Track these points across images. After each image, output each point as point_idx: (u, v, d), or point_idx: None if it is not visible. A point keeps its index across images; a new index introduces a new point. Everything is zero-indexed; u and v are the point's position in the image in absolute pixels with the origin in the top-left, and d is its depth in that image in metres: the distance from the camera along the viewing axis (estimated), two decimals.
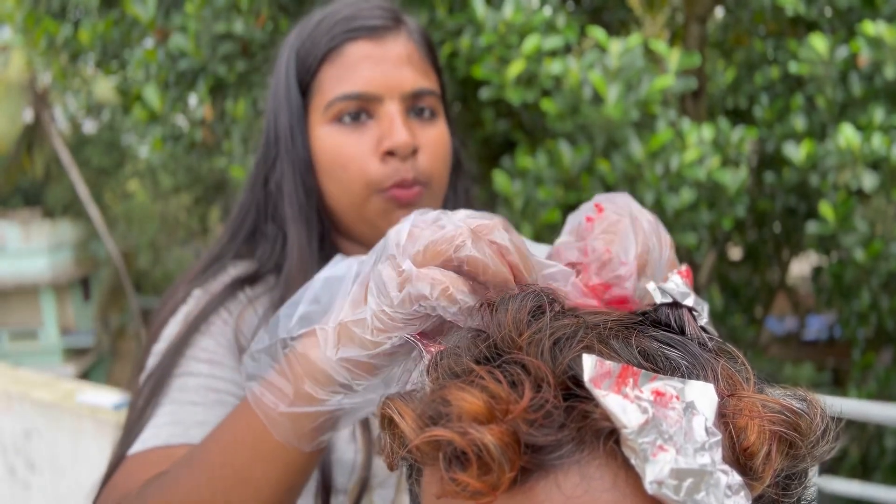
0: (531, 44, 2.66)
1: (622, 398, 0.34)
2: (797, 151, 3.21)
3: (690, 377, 0.38)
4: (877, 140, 2.98)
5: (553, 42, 2.71)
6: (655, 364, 0.38)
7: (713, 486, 0.33)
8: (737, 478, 0.34)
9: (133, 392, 0.79)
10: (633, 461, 0.33)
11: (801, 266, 7.15)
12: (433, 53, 0.89)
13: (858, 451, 4.38)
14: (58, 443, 2.66)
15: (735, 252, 5.79)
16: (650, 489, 0.32)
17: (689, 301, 0.43)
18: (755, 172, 4.08)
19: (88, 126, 18.35)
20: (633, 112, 2.63)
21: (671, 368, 0.38)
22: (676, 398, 0.35)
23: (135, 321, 15.89)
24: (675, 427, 0.34)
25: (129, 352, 18.00)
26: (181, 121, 3.67)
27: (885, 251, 3.19)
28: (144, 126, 3.59)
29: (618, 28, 4.20)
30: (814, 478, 0.41)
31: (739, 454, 0.36)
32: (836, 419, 0.39)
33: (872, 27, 3.04)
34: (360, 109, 0.82)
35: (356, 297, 0.50)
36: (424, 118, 0.85)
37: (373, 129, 0.82)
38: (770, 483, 0.37)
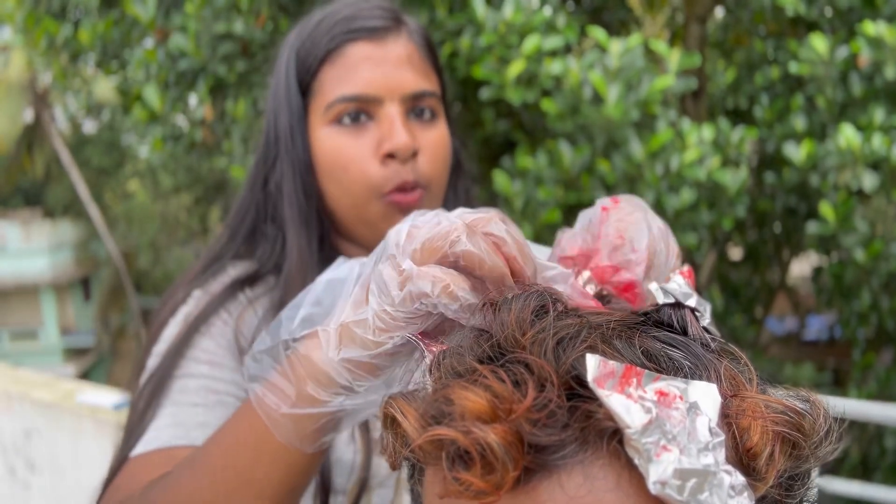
0: (531, 44, 2.66)
1: (626, 398, 0.34)
2: (797, 152, 3.21)
3: (693, 378, 0.38)
4: (877, 140, 2.97)
5: (553, 42, 2.71)
6: (659, 364, 0.38)
7: (717, 487, 0.33)
8: (740, 478, 0.34)
9: (134, 393, 0.79)
10: (637, 461, 0.33)
11: (802, 266, 7.15)
12: (434, 54, 0.89)
13: (859, 452, 4.37)
14: (58, 443, 2.65)
15: (735, 252, 5.79)
16: (654, 489, 0.32)
17: (692, 302, 0.43)
18: (755, 172, 4.08)
19: (89, 126, 18.36)
20: (634, 112, 2.62)
21: (674, 369, 0.38)
22: (680, 398, 0.35)
23: (135, 321, 15.89)
24: (679, 427, 0.34)
25: (130, 352, 18.00)
26: (181, 121, 3.67)
27: (886, 251, 3.18)
28: (144, 126, 3.59)
29: (618, 28, 4.20)
30: (815, 478, 0.41)
31: (743, 455, 0.36)
32: (839, 420, 0.39)
33: (873, 27, 3.04)
34: (360, 111, 0.82)
35: (357, 298, 0.50)
36: (425, 119, 0.85)
37: (373, 131, 0.82)
38: (773, 484, 0.37)
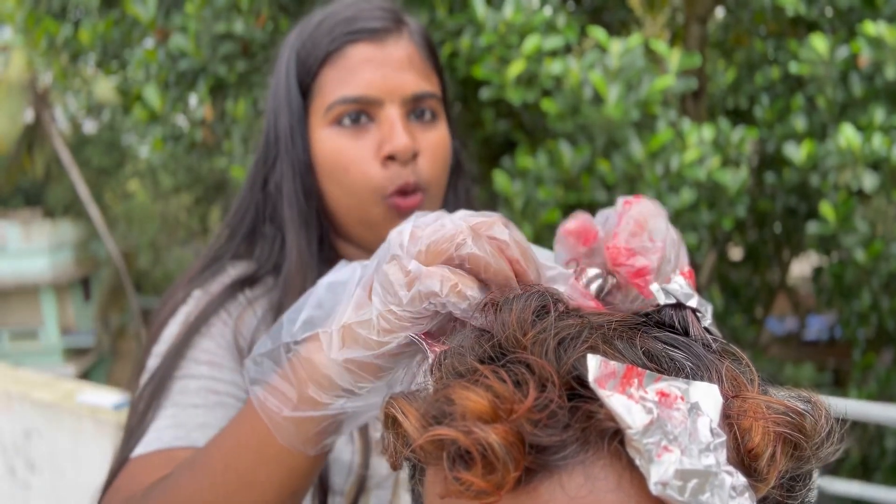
0: (531, 44, 2.65)
1: (627, 398, 0.34)
2: (798, 152, 3.21)
3: (695, 378, 0.38)
4: (877, 140, 2.98)
5: (553, 42, 2.71)
6: (660, 365, 0.38)
7: (718, 487, 0.33)
8: (741, 479, 0.34)
9: (134, 394, 0.79)
10: (638, 462, 0.33)
11: (802, 266, 7.14)
12: (434, 54, 0.89)
13: (859, 452, 4.37)
14: (58, 443, 2.65)
15: (735, 252, 5.79)
16: (655, 490, 0.32)
17: (693, 302, 0.43)
18: (755, 173, 4.08)
19: (89, 126, 18.36)
20: (634, 112, 2.62)
21: (675, 369, 0.38)
22: (681, 399, 0.35)
23: (135, 321, 15.89)
24: (680, 428, 0.33)
25: (130, 352, 18.00)
26: (181, 121, 3.67)
27: (886, 251, 3.19)
28: (145, 126, 3.59)
29: (618, 28, 4.20)
30: (817, 478, 0.41)
31: (744, 455, 0.36)
32: (840, 421, 0.39)
33: (873, 27, 3.04)
34: (361, 112, 0.82)
35: (360, 300, 0.50)
36: (425, 121, 0.85)
37: (373, 133, 0.82)
38: (774, 484, 0.36)
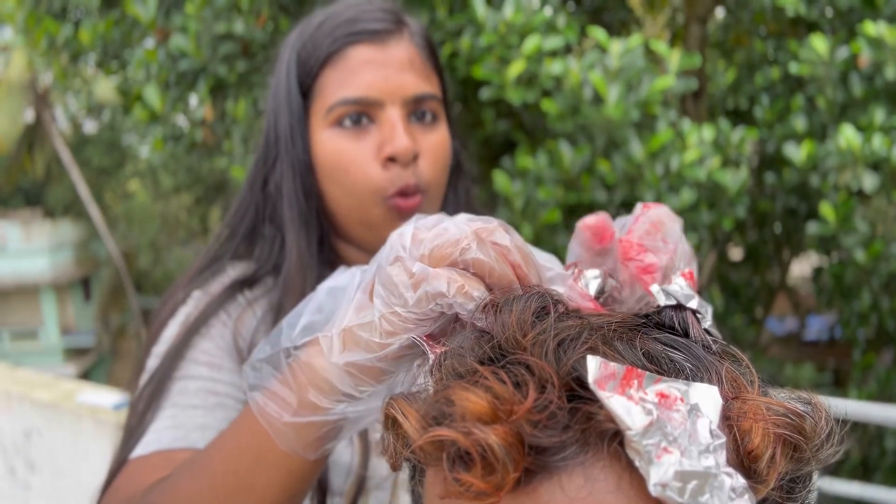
0: (531, 44, 2.65)
1: (626, 400, 0.34)
2: (798, 152, 3.21)
3: (695, 379, 0.38)
4: (877, 141, 2.98)
5: (553, 42, 2.71)
6: (660, 366, 0.38)
7: (717, 489, 0.33)
8: (741, 480, 0.33)
9: (133, 394, 0.79)
10: (638, 463, 0.33)
11: (802, 266, 7.15)
12: (435, 55, 0.89)
13: (859, 453, 4.37)
14: (58, 443, 2.65)
15: (735, 252, 5.79)
16: (654, 491, 0.32)
17: (693, 303, 0.43)
18: (756, 173, 4.08)
19: (89, 126, 18.37)
20: (634, 112, 2.62)
21: (675, 371, 0.38)
22: (681, 400, 0.35)
23: (135, 321, 15.89)
24: (680, 429, 0.33)
25: (130, 352, 18.00)
26: (182, 121, 3.67)
27: (886, 252, 3.19)
28: (145, 126, 3.60)
29: (618, 28, 4.20)
30: (817, 479, 0.41)
31: (744, 457, 0.36)
32: (841, 422, 0.39)
33: (873, 27, 3.04)
34: (362, 114, 0.82)
35: (360, 303, 0.50)
36: (426, 122, 0.85)
37: (374, 134, 0.82)
38: (774, 486, 0.36)
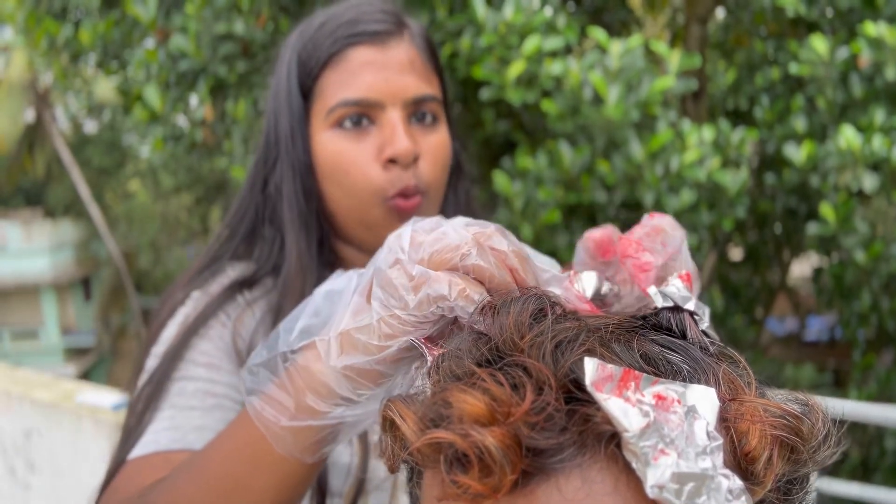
0: (531, 44, 2.65)
1: (624, 402, 0.34)
2: (798, 152, 3.21)
3: (692, 381, 0.38)
4: (877, 141, 2.97)
5: (553, 43, 2.71)
6: (657, 368, 0.38)
7: (714, 491, 0.33)
8: (738, 482, 0.33)
9: (132, 395, 0.79)
10: (635, 465, 0.33)
11: (802, 267, 7.14)
12: (435, 56, 0.89)
13: (859, 453, 4.37)
14: (57, 443, 2.65)
15: (736, 253, 5.79)
16: (651, 493, 0.32)
17: (691, 305, 0.43)
18: (756, 173, 4.07)
19: (89, 126, 18.38)
20: (634, 113, 2.62)
21: (673, 372, 0.38)
22: (678, 402, 0.35)
23: (136, 321, 15.90)
24: (677, 431, 0.33)
25: (130, 352, 18.01)
26: (182, 121, 3.67)
27: (886, 252, 3.19)
28: (145, 126, 3.59)
29: (618, 29, 4.20)
30: (814, 481, 0.41)
31: (741, 459, 0.36)
32: (838, 423, 0.39)
33: (873, 28, 3.04)
34: (362, 115, 0.82)
35: (357, 306, 0.50)
36: (426, 124, 0.85)
37: (374, 136, 0.82)
38: (771, 488, 0.36)
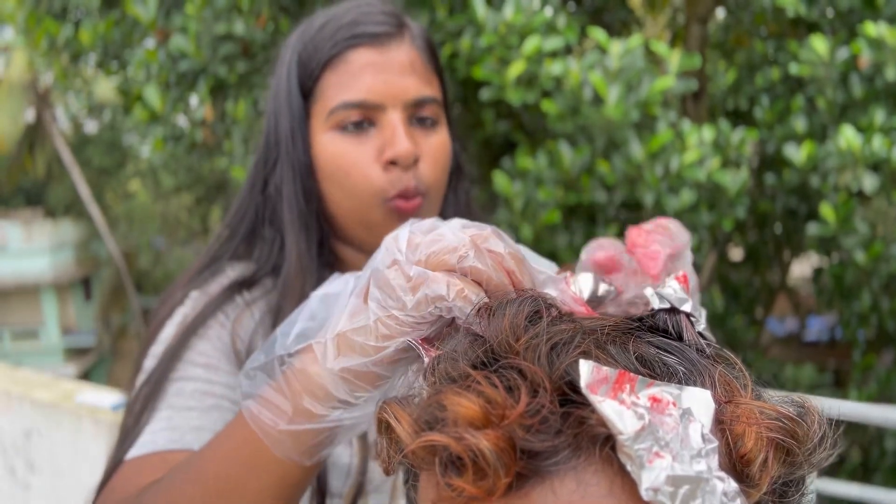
0: (531, 45, 2.65)
1: (618, 404, 0.34)
2: (798, 153, 3.21)
3: (688, 383, 0.38)
4: (877, 141, 2.97)
5: (553, 43, 2.71)
6: (653, 370, 0.38)
7: (709, 493, 0.33)
8: (733, 485, 0.33)
9: (130, 395, 0.79)
10: (629, 468, 0.33)
11: (802, 267, 7.14)
12: (435, 57, 0.89)
13: (859, 454, 4.37)
14: (57, 443, 2.65)
15: (736, 253, 5.79)
16: (646, 496, 0.32)
17: (687, 307, 0.43)
18: (756, 174, 4.07)
19: (90, 126, 18.39)
20: (634, 113, 2.62)
21: (668, 374, 0.38)
22: (673, 404, 0.34)
23: (136, 321, 15.91)
24: (672, 433, 0.33)
25: (130, 352, 18.01)
26: (182, 121, 3.67)
27: (886, 253, 3.18)
28: (145, 126, 3.60)
29: (619, 29, 4.20)
30: (812, 483, 0.41)
31: (736, 461, 0.36)
32: (835, 425, 0.39)
33: (873, 28, 3.04)
34: (363, 117, 0.82)
35: (354, 308, 0.50)
36: (426, 126, 0.85)
37: (375, 138, 0.82)
38: (767, 490, 0.36)
